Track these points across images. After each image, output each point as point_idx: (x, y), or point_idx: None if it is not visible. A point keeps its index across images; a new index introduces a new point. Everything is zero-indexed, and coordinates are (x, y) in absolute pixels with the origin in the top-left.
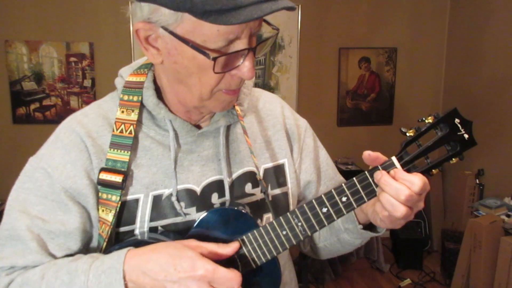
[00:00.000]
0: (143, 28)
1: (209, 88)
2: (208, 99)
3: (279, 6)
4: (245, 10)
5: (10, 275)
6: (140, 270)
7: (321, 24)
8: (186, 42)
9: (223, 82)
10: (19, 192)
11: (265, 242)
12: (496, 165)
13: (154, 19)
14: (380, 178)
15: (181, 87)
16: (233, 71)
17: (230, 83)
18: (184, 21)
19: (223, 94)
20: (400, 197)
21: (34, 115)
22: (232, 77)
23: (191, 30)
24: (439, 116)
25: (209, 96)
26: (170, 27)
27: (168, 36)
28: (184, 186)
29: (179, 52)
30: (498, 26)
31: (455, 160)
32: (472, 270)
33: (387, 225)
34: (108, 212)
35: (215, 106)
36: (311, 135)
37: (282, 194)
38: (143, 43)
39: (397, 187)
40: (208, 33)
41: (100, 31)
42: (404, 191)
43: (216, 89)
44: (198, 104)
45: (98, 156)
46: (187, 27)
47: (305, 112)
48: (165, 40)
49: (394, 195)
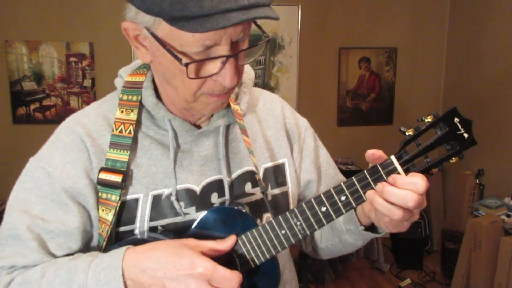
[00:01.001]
0: (130, 27)
1: (191, 91)
2: (193, 102)
3: (248, 17)
4: (212, 19)
5: (10, 274)
6: (139, 268)
7: (321, 24)
8: (163, 45)
9: (205, 86)
10: (19, 192)
11: (264, 241)
12: (496, 165)
13: (138, 19)
14: (383, 189)
15: (169, 87)
16: (213, 76)
17: (213, 88)
18: (161, 24)
19: (208, 97)
20: (408, 204)
21: (34, 115)
22: (214, 82)
23: (170, 33)
24: (439, 116)
25: (193, 99)
26: (151, 28)
27: (151, 37)
28: (183, 186)
29: (161, 54)
30: (498, 26)
31: (455, 160)
32: (472, 270)
33: (392, 229)
34: (108, 212)
35: (201, 109)
36: (311, 134)
37: (282, 193)
38: (133, 41)
39: (402, 194)
40: (184, 38)
41: (100, 31)
42: (411, 197)
43: (199, 93)
44: (186, 106)
45: (98, 156)
46: (166, 30)
47: (305, 112)
48: (150, 41)
49: (402, 204)
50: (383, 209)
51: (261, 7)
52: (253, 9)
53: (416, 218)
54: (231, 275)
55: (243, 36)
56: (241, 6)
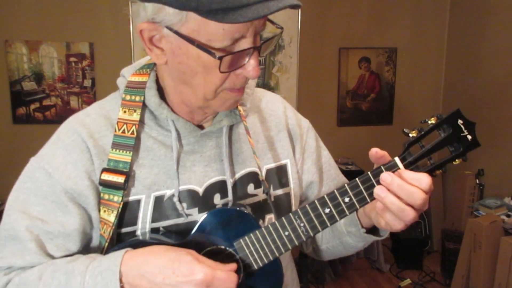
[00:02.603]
0: (147, 28)
1: (213, 87)
2: (213, 99)
3: (286, 4)
4: (252, 8)
5: (8, 275)
6: (137, 272)
7: (321, 24)
8: (192, 42)
9: (228, 81)
10: (19, 192)
11: (267, 243)
12: (496, 165)
13: (158, 19)
14: (391, 181)
15: (186, 87)
16: (238, 70)
17: (235, 82)
18: (188, 21)
19: (228, 93)
20: (416, 201)
21: (34, 115)
22: (237, 76)
23: (196, 29)
24: (442, 117)
25: (213, 95)
26: (175, 26)
27: (173, 35)
28: (186, 187)
29: (183, 52)
30: (498, 26)
31: (459, 161)
32: (472, 270)
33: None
34: (110, 213)
35: (219, 106)
36: (313, 135)
37: (284, 194)
38: (147, 43)
39: (410, 190)
40: (214, 32)
41: (100, 31)
42: (418, 194)
43: (221, 89)
44: (203, 104)
45: (99, 156)
46: (192, 26)
47: (305, 112)
48: (169, 40)
49: (409, 200)
50: (396, 209)
51: None
52: None
53: (415, 220)
54: (228, 276)
55: (264, 28)
56: None
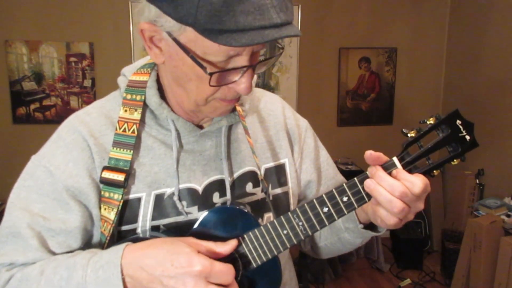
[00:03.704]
0: (148, 29)
1: (204, 96)
2: (204, 105)
3: (282, 34)
4: (247, 34)
5: (10, 271)
6: (137, 264)
7: (321, 24)
8: (187, 52)
9: (220, 92)
10: (20, 190)
11: (266, 241)
12: (496, 165)
13: (159, 23)
14: (375, 172)
15: (180, 89)
16: (230, 84)
17: (226, 94)
18: (187, 31)
19: (219, 101)
20: (394, 193)
21: (34, 115)
22: (229, 89)
23: (193, 40)
24: (441, 117)
25: (204, 103)
26: (174, 33)
27: (171, 41)
28: (186, 185)
29: (180, 58)
30: (498, 26)
31: (457, 162)
32: (472, 270)
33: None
34: (110, 211)
35: (210, 112)
36: (311, 135)
37: (283, 193)
38: (147, 42)
39: (391, 182)
40: (209, 47)
41: (100, 31)
42: (398, 187)
43: (211, 98)
44: (194, 109)
45: (100, 154)
46: (190, 37)
47: (305, 112)
48: (168, 44)
49: (389, 190)
50: (384, 200)
51: (290, 24)
52: (284, 27)
53: (410, 218)
54: (226, 268)
55: (262, 47)
56: (274, 24)
